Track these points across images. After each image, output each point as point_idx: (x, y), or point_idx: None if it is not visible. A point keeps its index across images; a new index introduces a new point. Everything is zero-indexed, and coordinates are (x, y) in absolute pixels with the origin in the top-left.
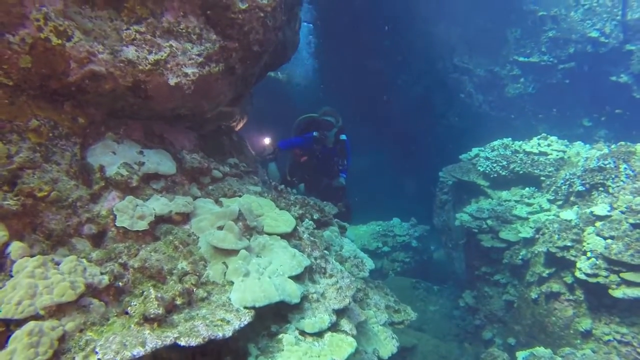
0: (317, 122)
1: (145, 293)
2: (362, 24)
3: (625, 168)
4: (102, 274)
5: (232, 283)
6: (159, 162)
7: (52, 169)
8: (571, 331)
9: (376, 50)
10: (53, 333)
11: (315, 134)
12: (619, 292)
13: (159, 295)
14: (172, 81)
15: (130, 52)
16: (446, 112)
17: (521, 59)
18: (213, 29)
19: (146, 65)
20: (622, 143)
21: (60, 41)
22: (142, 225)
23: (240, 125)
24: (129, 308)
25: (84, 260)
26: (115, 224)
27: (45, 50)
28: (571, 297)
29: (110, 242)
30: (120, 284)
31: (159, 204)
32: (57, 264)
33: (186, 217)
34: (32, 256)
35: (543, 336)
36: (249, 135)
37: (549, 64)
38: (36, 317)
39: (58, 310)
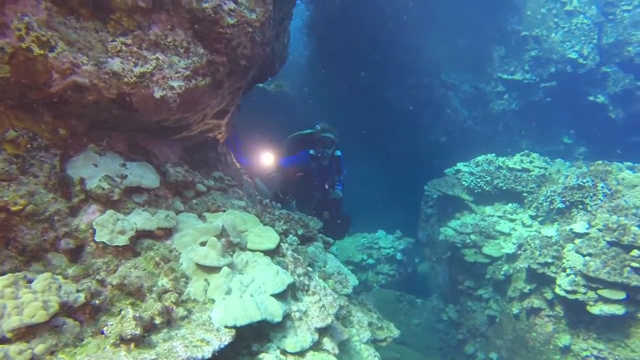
0: (315, 139)
1: (123, 312)
2: (352, 37)
3: (602, 187)
4: (78, 291)
5: (213, 301)
6: (142, 175)
7: (29, 181)
8: (551, 346)
9: (365, 63)
10: (20, 357)
11: (312, 151)
12: (596, 309)
13: (137, 314)
14: (158, 94)
15: (115, 64)
16: (432, 126)
17: (505, 76)
18: (201, 42)
19: (131, 78)
20: (600, 162)
21: (42, 51)
22: (123, 240)
23: (224, 136)
24: (105, 328)
25: (60, 278)
26: (95, 238)
27: (26, 60)
28: (551, 313)
29: (88, 257)
30: (97, 302)
31: (140, 219)
32: (30, 281)
33: (168, 232)
34: (3, 273)
35: (524, 351)
36: (250, 151)
37: (531, 82)
38: (3, 340)
39: (28, 332)
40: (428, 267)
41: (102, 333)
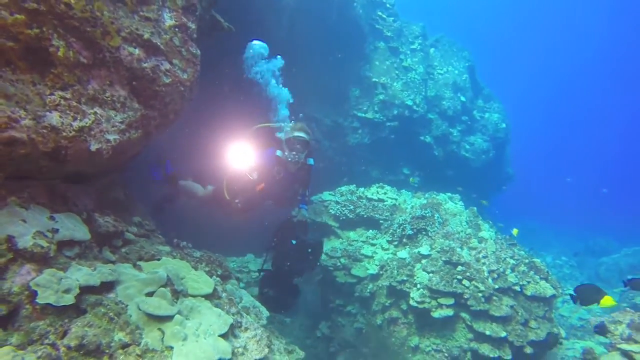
0: (284, 138)
1: None
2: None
3: (437, 217)
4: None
5: (171, 348)
6: (74, 228)
7: None
8: (405, 347)
9: (237, 88)
10: None
11: (278, 152)
12: (436, 314)
13: None
14: (94, 147)
15: (54, 118)
16: None
17: (359, 114)
18: (136, 98)
19: (70, 132)
20: (433, 194)
21: None
22: (69, 299)
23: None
24: None
25: (18, 351)
26: (37, 300)
27: None
28: (405, 321)
29: (24, 321)
30: None
31: (81, 274)
32: None
33: (110, 286)
34: None
35: (385, 355)
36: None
37: (379, 121)
38: None
39: None
40: None
41: None
